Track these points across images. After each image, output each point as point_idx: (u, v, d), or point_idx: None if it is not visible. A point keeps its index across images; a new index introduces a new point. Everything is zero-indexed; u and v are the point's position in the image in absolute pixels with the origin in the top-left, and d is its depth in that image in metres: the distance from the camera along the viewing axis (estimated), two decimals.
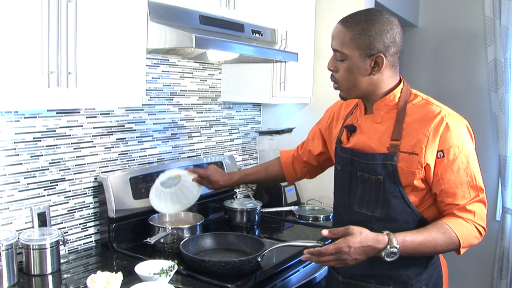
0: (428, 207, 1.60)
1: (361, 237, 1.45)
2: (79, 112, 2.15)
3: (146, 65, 2.02)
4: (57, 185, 2.09)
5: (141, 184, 2.30)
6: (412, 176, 1.55)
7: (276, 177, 2.23)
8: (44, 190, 2.04)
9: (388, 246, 1.45)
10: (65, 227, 2.13)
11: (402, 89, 1.63)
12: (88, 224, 2.23)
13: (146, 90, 2.15)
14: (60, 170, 2.09)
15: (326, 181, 3.12)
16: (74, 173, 2.15)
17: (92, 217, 2.24)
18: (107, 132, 2.29)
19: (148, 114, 2.51)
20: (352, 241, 1.44)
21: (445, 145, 1.52)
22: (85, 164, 2.20)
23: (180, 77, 2.68)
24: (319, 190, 3.16)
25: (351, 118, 1.74)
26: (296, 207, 2.90)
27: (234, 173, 2.30)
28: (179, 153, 2.72)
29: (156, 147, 2.57)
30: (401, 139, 1.56)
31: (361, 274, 1.67)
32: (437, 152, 1.53)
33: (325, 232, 1.49)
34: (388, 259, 1.46)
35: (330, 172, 3.10)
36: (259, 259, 1.95)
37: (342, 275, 1.74)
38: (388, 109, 1.62)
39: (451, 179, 1.53)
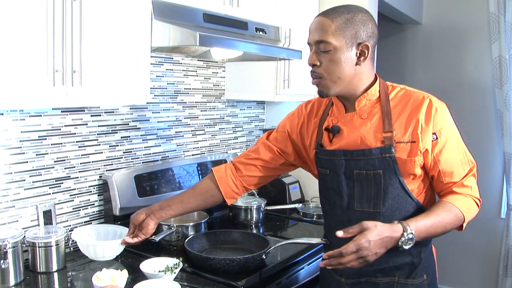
0: (423, 193, 1.64)
1: (378, 229, 1.44)
2: (84, 111, 2.16)
3: (150, 64, 2.03)
4: (62, 183, 2.10)
5: (146, 182, 2.30)
6: (410, 165, 1.57)
7: (211, 199, 1.97)
8: (50, 188, 2.05)
9: (405, 233, 1.45)
10: (70, 225, 2.14)
11: (379, 83, 1.65)
12: (93, 222, 2.24)
13: (150, 88, 2.16)
14: (65, 168, 2.10)
15: None
16: (79, 171, 2.16)
17: (97, 215, 2.25)
18: (111, 130, 2.30)
19: (152, 112, 2.51)
20: (370, 235, 1.43)
21: (437, 127, 1.57)
22: (90, 162, 2.21)
23: (184, 75, 2.69)
24: None
25: (330, 120, 1.71)
26: (300, 204, 2.90)
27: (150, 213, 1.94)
28: (183, 151, 2.73)
29: (160, 145, 2.58)
30: (394, 130, 1.58)
31: (365, 271, 1.66)
32: (432, 134, 1.57)
33: (340, 233, 1.46)
34: (406, 247, 1.46)
35: None
36: (264, 257, 1.95)
37: (346, 277, 1.72)
38: (371, 104, 1.63)
39: (447, 159, 1.58)
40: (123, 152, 2.37)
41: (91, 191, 2.22)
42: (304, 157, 1.88)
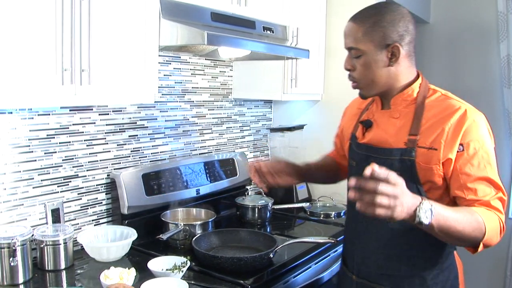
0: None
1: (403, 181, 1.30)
2: (92, 109, 2.16)
3: (158, 62, 2.03)
4: (70, 181, 2.11)
5: (153, 180, 2.31)
6: (429, 172, 1.51)
7: (331, 171, 2.03)
8: (58, 186, 2.06)
9: (424, 201, 1.29)
10: (78, 223, 2.15)
11: (420, 84, 1.61)
12: (101, 221, 2.25)
13: (158, 87, 2.16)
14: (73, 167, 2.11)
15: None
16: (87, 170, 2.17)
17: (105, 213, 2.26)
18: (119, 129, 2.30)
19: (160, 111, 2.52)
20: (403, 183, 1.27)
21: (465, 139, 1.49)
22: (97, 161, 2.21)
23: (191, 74, 2.69)
24: (330, 187, 3.14)
25: (367, 114, 1.72)
26: (308, 204, 2.90)
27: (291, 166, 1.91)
28: (190, 150, 2.73)
29: (168, 144, 2.58)
30: (420, 134, 1.53)
31: (376, 273, 1.65)
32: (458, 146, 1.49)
33: (374, 167, 1.26)
34: (424, 219, 1.28)
35: None
36: (271, 256, 1.95)
37: (357, 274, 1.71)
38: (406, 104, 1.60)
39: (470, 174, 1.48)
40: (131, 151, 2.38)
41: (99, 190, 2.23)
42: (343, 149, 1.89)
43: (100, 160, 2.23)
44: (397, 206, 1.24)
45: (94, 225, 2.22)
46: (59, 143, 2.05)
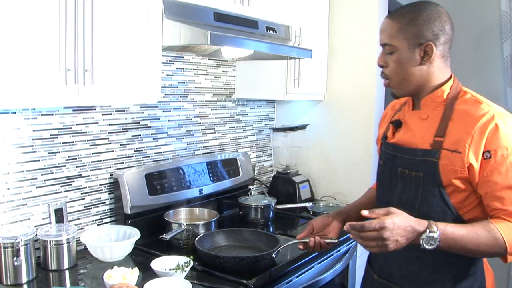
0: (471, 210, 1.53)
1: (403, 216, 1.39)
2: (95, 109, 2.17)
3: (161, 62, 2.03)
4: (74, 181, 2.11)
5: (156, 180, 2.31)
6: (453, 175, 1.49)
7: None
8: (61, 186, 2.06)
9: (428, 230, 1.38)
10: (81, 223, 2.15)
11: (451, 86, 1.59)
12: (104, 220, 2.25)
13: (161, 87, 2.16)
14: (76, 167, 2.12)
15: (340, 178, 3.14)
16: (90, 170, 2.17)
17: (108, 213, 2.27)
18: (122, 129, 2.31)
19: (163, 111, 2.52)
20: (396, 218, 1.37)
21: (492, 145, 1.45)
22: (101, 160, 2.22)
23: (194, 74, 2.70)
24: (333, 187, 3.17)
25: (398, 114, 1.72)
26: (311, 203, 2.90)
27: (335, 215, 1.89)
28: (193, 150, 2.73)
29: (171, 144, 2.58)
30: (445, 136, 1.51)
31: (397, 275, 1.64)
32: (483, 152, 1.45)
33: (365, 212, 1.42)
34: (427, 247, 1.38)
35: (344, 169, 3.11)
36: (274, 256, 1.95)
37: (379, 274, 1.71)
38: (435, 105, 1.58)
39: (498, 182, 1.45)
40: (134, 151, 2.38)
41: (102, 190, 2.23)
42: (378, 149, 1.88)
43: (103, 160, 2.23)
44: (388, 244, 1.37)
45: (97, 225, 2.22)
46: (62, 143, 2.05)
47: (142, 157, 2.42)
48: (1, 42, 1.42)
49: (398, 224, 1.36)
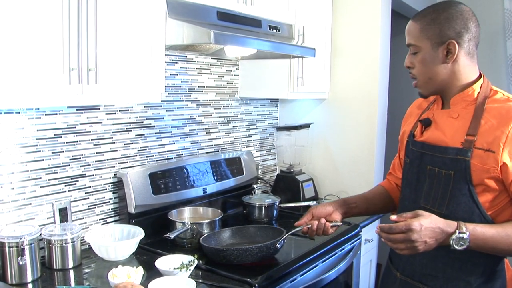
0: (500, 210, 1.52)
1: (431, 218, 1.40)
2: (99, 109, 2.17)
3: (164, 62, 2.04)
4: (78, 181, 2.12)
5: (160, 179, 2.31)
6: (485, 174, 1.48)
7: (383, 206, 1.97)
8: (65, 186, 2.07)
9: (457, 231, 1.39)
10: (85, 223, 2.15)
11: (482, 84, 1.58)
12: (108, 220, 2.25)
13: (165, 86, 2.17)
14: (80, 166, 2.12)
15: (343, 176, 3.14)
16: (94, 169, 2.18)
17: (112, 212, 2.27)
18: (126, 128, 2.31)
19: (167, 110, 2.52)
20: (423, 220, 1.38)
21: None
22: (104, 160, 2.22)
23: (197, 73, 2.70)
24: (337, 185, 3.16)
25: (427, 113, 1.71)
26: (314, 202, 2.89)
27: (337, 206, 1.90)
28: (197, 149, 2.74)
29: (174, 143, 2.59)
30: (477, 135, 1.50)
31: (420, 273, 1.63)
32: None
33: (393, 217, 1.43)
34: (457, 247, 1.40)
35: (347, 167, 3.11)
36: (278, 246, 1.94)
37: (401, 271, 1.70)
38: (466, 104, 1.57)
39: None
40: (138, 150, 2.38)
41: (106, 189, 2.24)
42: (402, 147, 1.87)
43: (107, 160, 2.23)
44: (417, 246, 1.39)
45: (102, 224, 2.22)
46: (66, 142, 2.06)
47: (146, 157, 2.43)
48: (5, 42, 1.42)
49: (426, 225, 1.38)
